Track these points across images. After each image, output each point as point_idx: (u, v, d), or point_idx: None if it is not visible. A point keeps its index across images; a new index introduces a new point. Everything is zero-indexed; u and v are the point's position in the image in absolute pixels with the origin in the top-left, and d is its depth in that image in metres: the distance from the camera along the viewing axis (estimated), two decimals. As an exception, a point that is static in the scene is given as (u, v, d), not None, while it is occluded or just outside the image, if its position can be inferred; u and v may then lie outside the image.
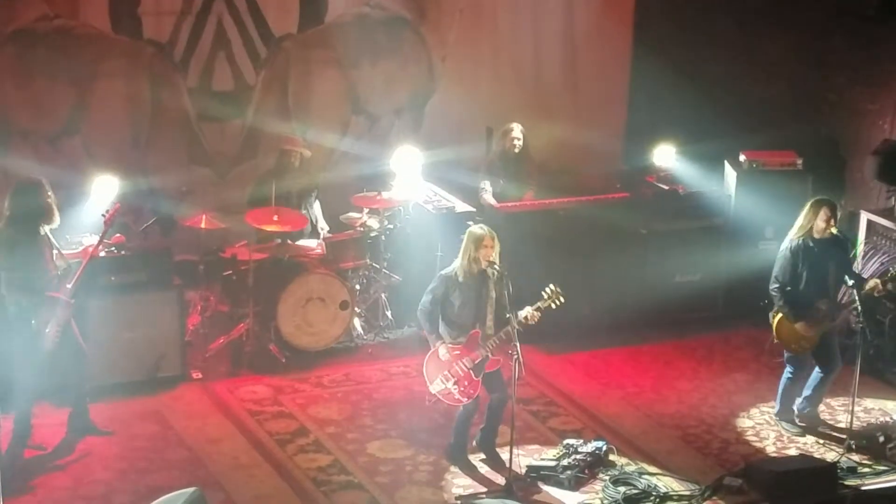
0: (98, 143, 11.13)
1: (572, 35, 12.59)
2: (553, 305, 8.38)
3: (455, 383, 8.40)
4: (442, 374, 8.43)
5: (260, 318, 10.13)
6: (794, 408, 9.45)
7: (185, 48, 11.29)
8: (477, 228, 8.47)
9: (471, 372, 8.40)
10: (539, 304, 8.36)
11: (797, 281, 9.11)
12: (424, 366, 8.53)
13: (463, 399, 8.46)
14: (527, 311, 8.34)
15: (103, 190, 9.48)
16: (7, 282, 8.27)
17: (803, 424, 9.36)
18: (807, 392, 9.42)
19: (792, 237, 9.16)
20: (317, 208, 10.76)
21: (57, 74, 10.86)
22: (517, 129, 11.11)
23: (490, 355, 8.41)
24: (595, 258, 10.66)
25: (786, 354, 9.37)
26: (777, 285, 9.15)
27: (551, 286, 8.40)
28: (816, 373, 9.38)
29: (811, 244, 9.10)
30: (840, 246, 9.19)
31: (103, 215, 8.72)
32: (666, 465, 8.81)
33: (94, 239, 8.92)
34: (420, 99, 12.15)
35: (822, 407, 9.50)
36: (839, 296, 9.37)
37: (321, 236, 10.64)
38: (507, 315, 8.26)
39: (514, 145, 11.07)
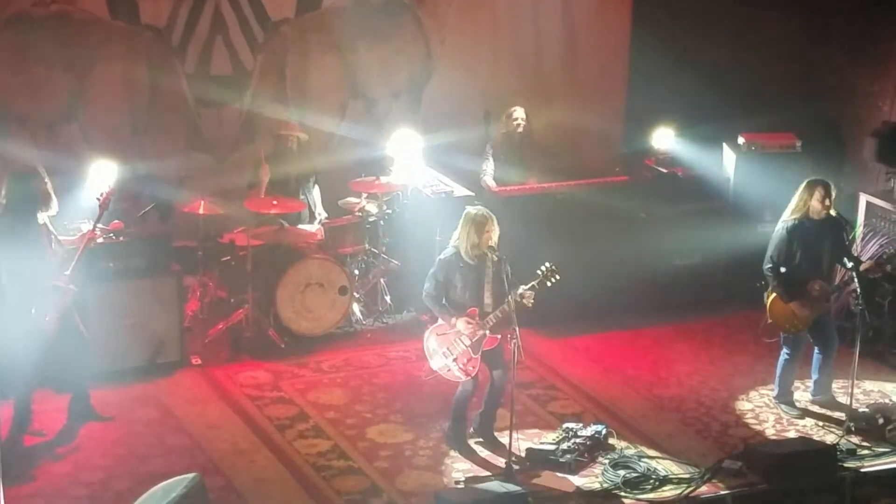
0: (96, 128, 11.10)
1: (571, 17, 12.53)
2: (549, 283, 8.36)
3: (454, 360, 8.41)
4: (442, 351, 8.44)
5: (259, 303, 10.13)
6: (809, 394, 9.46)
7: (183, 33, 11.25)
8: (477, 213, 8.40)
9: (469, 349, 8.40)
10: (533, 282, 8.34)
11: (791, 261, 9.09)
12: (425, 342, 8.54)
13: (461, 376, 8.47)
14: (521, 290, 8.32)
15: (101, 176, 9.46)
16: (7, 270, 8.26)
17: (814, 402, 9.37)
18: (814, 376, 9.43)
19: (786, 217, 9.13)
20: (316, 194, 10.75)
21: (54, 60, 10.83)
22: (520, 111, 11.12)
23: (487, 333, 8.41)
24: (594, 242, 10.63)
25: (782, 335, 9.36)
26: (771, 265, 9.12)
27: (546, 264, 8.38)
28: (816, 354, 9.40)
29: (807, 224, 9.07)
30: (836, 227, 9.16)
31: (98, 199, 8.70)
32: (665, 448, 8.81)
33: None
34: (418, 82, 12.11)
35: (833, 386, 9.50)
36: (835, 277, 9.35)
37: (318, 221, 10.64)
38: (508, 299, 8.25)
39: (519, 126, 11.07)
